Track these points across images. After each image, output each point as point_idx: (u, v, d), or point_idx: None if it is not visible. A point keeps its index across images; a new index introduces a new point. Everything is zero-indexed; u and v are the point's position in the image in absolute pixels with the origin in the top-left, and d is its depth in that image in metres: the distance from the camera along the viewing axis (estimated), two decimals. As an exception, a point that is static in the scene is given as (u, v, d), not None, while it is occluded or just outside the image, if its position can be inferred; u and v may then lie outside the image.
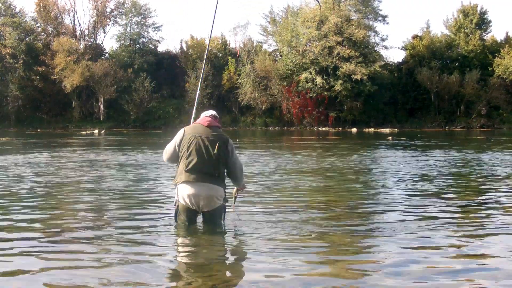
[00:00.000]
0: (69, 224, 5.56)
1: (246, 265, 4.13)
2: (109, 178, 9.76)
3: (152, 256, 4.27)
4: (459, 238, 4.95)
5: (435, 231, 5.20)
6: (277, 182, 9.40)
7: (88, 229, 5.28)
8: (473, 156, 15.38)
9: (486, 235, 5.14)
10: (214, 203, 4.96)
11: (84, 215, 6.04)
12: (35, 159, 14.17)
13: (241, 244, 4.71)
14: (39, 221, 5.69)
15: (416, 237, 4.96)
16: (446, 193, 8.07)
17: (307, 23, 52.44)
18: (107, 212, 6.37)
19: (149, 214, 6.14)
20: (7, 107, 54.60)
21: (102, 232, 5.11)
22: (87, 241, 4.72)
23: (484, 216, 6.15)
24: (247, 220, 5.58)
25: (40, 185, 8.79)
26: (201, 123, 5.09)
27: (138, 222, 5.56)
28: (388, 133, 38.67)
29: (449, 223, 5.68)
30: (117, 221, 5.69)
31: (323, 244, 4.72)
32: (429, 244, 4.72)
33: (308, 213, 6.26)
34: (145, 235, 4.96)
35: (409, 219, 5.92)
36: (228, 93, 56.72)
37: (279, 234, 5.02)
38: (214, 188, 4.91)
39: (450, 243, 4.78)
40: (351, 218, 5.98)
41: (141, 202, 7.10)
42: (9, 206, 6.68)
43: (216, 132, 5.04)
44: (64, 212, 6.37)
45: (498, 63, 51.59)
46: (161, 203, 6.96)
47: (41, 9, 58.25)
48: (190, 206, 4.96)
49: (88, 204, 6.90)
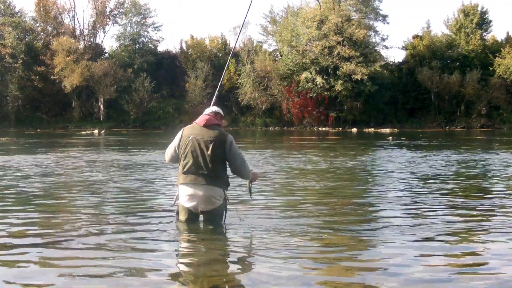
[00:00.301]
0: (69, 224, 5.55)
1: (246, 265, 4.14)
2: (110, 178, 9.76)
3: (151, 256, 4.27)
4: (459, 238, 4.95)
5: (436, 231, 5.19)
6: (277, 182, 9.41)
7: (88, 228, 5.28)
8: (479, 157, 15.34)
9: (488, 235, 5.14)
10: (212, 204, 4.95)
11: (83, 215, 6.03)
12: (35, 159, 14.17)
13: (241, 244, 4.72)
14: (39, 220, 5.68)
15: (416, 237, 4.96)
16: (447, 193, 8.04)
17: (307, 23, 52.43)
18: (107, 211, 6.36)
19: (150, 214, 6.13)
20: (7, 107, 54.57)
21: (102, 232, 5.11)
22: (86, 241, 4.72)
23: (485, 216, 6.14)
24: (247, 220, 5.57)
25: (40, 185, 8.78)
26: (198, 122, 5.07)
27: (138, 222, 5.56)
28: (388, 133, 38.70)
29: (449, 223, 5.67)
30: (117, 221, 5.69)
31: (323, 244, 4.72)
32: (429, 244, 4.72)
33: (308, 213, 6.26)
34: (145, 235, 4.96)
35: (409, 219, 5.91)
36: (228, 93, 56.71)
37: (279, 234, 5.02)
38: (210, 189, 4.91)
39: (451, 243, 4.78)
40: (351, 218, 5.99)
41: (143, 202, 7.10)
42: (9, 207, 6.66)
43: (213, 130, 4.98)
44: (64, 212, 6.36)
45: (498, 63, 51.61)
46: (163, 203, 6.95)
47: (40, 9, 58.23)
48: (189, 207, 4.99)
49: (88, 203, 6.90)
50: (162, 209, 6.41)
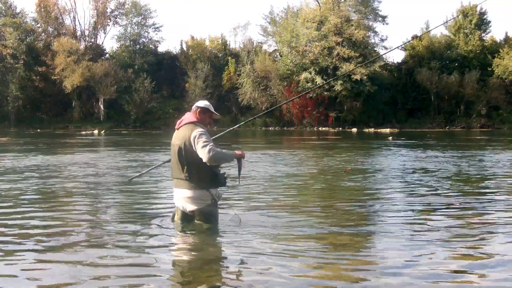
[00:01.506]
0: (68, 225, 5.57)
1: (245, 266, 4.12)
2: (110, 178, 9.75)
3: (151, 256, 4.29)
4: (460, 239, 4.95)
5: (436, 231, 5.21)
6: (276, 182, 9.39)
7: (86, 229, 5.31)
8: (484, 157, 15.33)
9: (488, 235, 5.14)
10: (198, 205, 4.93)
11: (82, 216, 6.05)
12: (35, 159, 14.17)
13: (240, 244, 4.68)
14: (39, 220, 5.70)
15: (416, 237, 4.97)
16: (448, 194, 8.01)
17: (307, 24, 52.44)
18: (105, 212, 6.37)
19: (149, 214, 6.13)
20: (8, 107, 54.54)
21: (101, 232, 5.14)
22: (84, 243, 4.72)
23: (486, 216, 6.12)
24: (246, 221, 5.56)
25: (40, 185, 8.80)
26: (176, 127, 5.09)
27: (137, 223, 5.57)
28: (388, 133, 38.63)
29: (450, 223, 5.67)
30: (116, 222, 5.71)
31: (323, 244, 4.72)
32: (430, 244, 4.71)
33: (308, 213, 6.25)
34: (144, 236, 4.97)
35: (410, 219, 5.91)
36: (228, 93, 56.75)
37: (278, 235, 5.02)
38: (191, 192, 4.89)
39: (451, 243, 4.78)
40: (351, 218, 5.98)
41: (141, 203, 7.10)
42: (8, 207, 6.70)
43: (182, 132, 4.89)
44: (64, 213, 6.37)
45: (497, 64, 51.63)
46: (161, 203, 6.94)
47: (41, 10, 58.26)
48: (180, 208, 5.07)
49: (88, 203, 6.93)
50: (161, 209, 6.38)
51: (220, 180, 4.94)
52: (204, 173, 4.84)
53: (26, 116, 55.13)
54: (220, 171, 4.97)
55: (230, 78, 56.54)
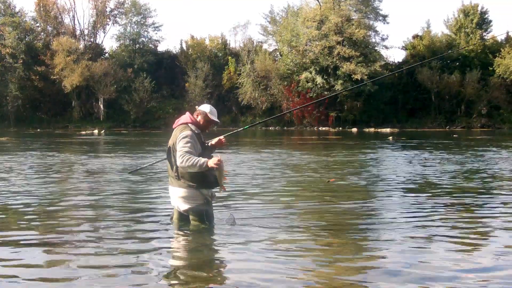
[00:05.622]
0: (67, 225, 5.56)
1: (244, 265, 4.12)
2: (109, 178, 9.74)
3: (150, 256, 4.27)
4: (460, 238, 4.94)
5: (436, 231, 5.19)
6: (276, 182, 9.38)
7: (86, 229, 5.28)
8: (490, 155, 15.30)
9: (488, 235, 5.13)
10: (189, 204, 4.99)
11: (82, 216, 6.03)
12: (35, 159, 14.15)
13: (240, 244, 4.70)
14: (39, 221, 5.69)
15: (416, 237, 4.95)
16: (448, 194, 8.01)
17: (307, 23, 52.38)
18: (105, 212, 6.34)
19: (148, 215, 6.12)
20: (7, 107, 54.52)
21: (100, 233, 5.12)
22: (84, 242, 4.72)
23: (487, 216, 6.11)
24: (245, 221, 5.56)
25: (40, 184, 8.76)
26: (173, 126, 5.17)
27: (137, 223, 5.57)
28: (388, 133, 38.69)
29: (450, 223, 5.65)
30: (115, 221, 5.69)
31: (323, 244, 4.71)
32: (430, 244, 4.72)
33: (308, 213, 6.24)
34: (143, 236, 4.97)
35: (410, 219, 5.90)
36: (228, 93, 56.68)
37: (278, 235, 5.01)
38: (182, 191, 4.97)
39: (451, 243, 4.76)
40: (351, 218, 5.98)
41: (141, 203, 7.09)
42: (7, 207, 6.66)
43: (174, 133, 5.03)
44: (63, 213, 6.35)
45: (498, 63, 51.59)
46: (161, 203, 6.93)
47: (40, 9, 58.21)
48: (175, 207, 5.16)
49: (87, 203, 6.90)
50: (160, 210, 6.39)
51: (209, 180, 4.94)
52: (193, 173, 4.88)
53: (26, 116, 55.13)
54: (209, 173, 4.89)
55: (230, 78, 56.48)
